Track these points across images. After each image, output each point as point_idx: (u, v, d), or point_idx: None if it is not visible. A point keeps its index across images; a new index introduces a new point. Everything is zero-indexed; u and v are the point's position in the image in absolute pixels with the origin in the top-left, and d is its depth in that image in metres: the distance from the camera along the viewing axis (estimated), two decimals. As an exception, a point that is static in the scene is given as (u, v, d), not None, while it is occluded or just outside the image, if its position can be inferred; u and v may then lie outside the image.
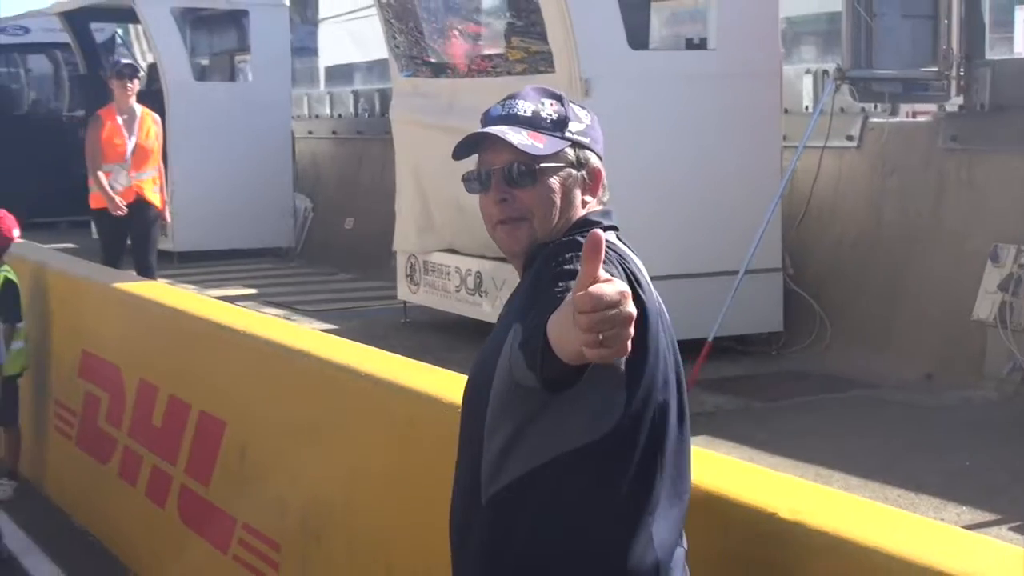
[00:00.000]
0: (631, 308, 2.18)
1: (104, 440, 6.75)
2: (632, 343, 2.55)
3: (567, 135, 2.86)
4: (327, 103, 20.23)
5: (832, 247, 10.89)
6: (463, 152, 2.90)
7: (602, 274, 2.20)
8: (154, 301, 6.74)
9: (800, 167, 10.35)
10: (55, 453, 7.42)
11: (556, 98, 2.91)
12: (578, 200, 2.89)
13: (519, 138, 2.79)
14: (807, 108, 11.53)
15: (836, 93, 10.55)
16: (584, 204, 2.90)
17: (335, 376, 4.72)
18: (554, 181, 2.84)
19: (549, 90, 2.95)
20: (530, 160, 2.81)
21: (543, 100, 2.90)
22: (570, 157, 2.87)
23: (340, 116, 19.46)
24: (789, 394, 9.45)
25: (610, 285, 2.18)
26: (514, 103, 2.89)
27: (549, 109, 2.88)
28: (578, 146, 2.88)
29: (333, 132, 18.95)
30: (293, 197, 17.77)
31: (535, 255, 2.84)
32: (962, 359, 9.51)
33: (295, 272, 16.36)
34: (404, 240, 11.89)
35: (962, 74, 10.34)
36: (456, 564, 2.91)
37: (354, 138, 18.20)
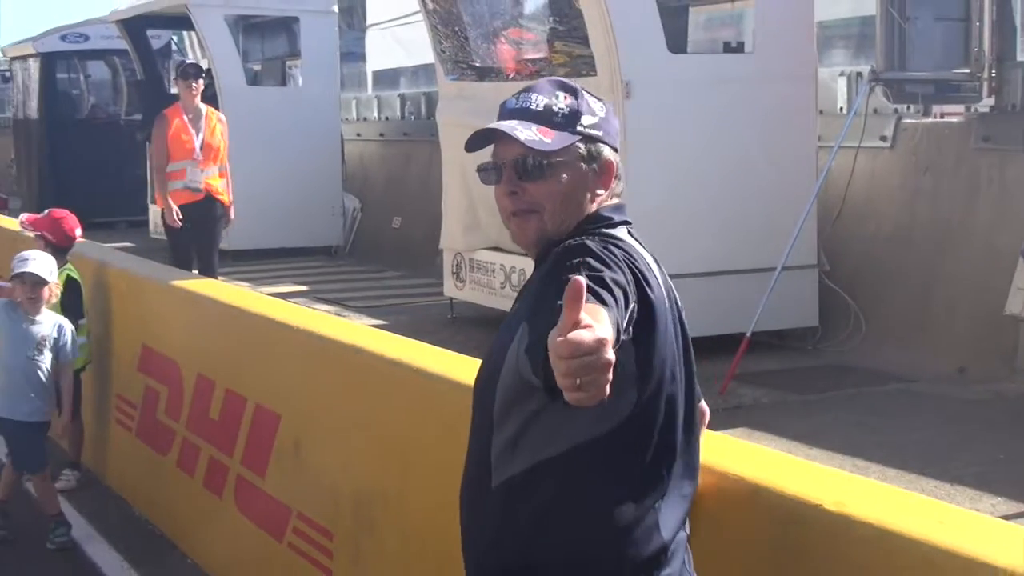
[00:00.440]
0: (609, 355, 2.13)
1: (163, 432, 6.76)
2: (642, 340, 2.57)
3: (578, 129, 2.82)
4: (374, 106, 20.26)
5: (866, 244, 10.82)
6: (476, 145, 2.88)
7: (584, 318, 2.15)
8: (211, 298, 6.75)
9: (835, 167, 10.29)
10: (116, 445, 7.44)
11: (571, 91, 2.86)
12: (589, 193, 2.85)
13: (527, 134, 2.76)
14: (841, 109, 11.47)
15: (870, 95, 10.49)
16: (596, 197, 2.86)
17: (387, 370, 4.70)
18: (563, 175, 2.81)
19: (564, 83, 2.91)
20: (539, 155, 2.78)
21: (557, 93, 2.85)
22: (581, 151, 2.83)
23: (387, 119, 19.48)
24: (825, 388, 9.38)
25: (589, 332, 2.12)
26: (528, 97, 2.86)
27: (562, 103, 2.83)
28: (590, 140, 2.84)
29: (380, 134, 18.97)
30: (342, 197, 17.79)
31: (548, 250, 2.81)
32: (994, 353, 9.42)
33: (345, 270, 16.39)
34: (450, 238, 11.88)
35: (993, 75, 10.25)
36: (465, 541, 2.90)
37: (401, 140, 18.21)
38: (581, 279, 2.15)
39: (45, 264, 6.67)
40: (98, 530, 6.72)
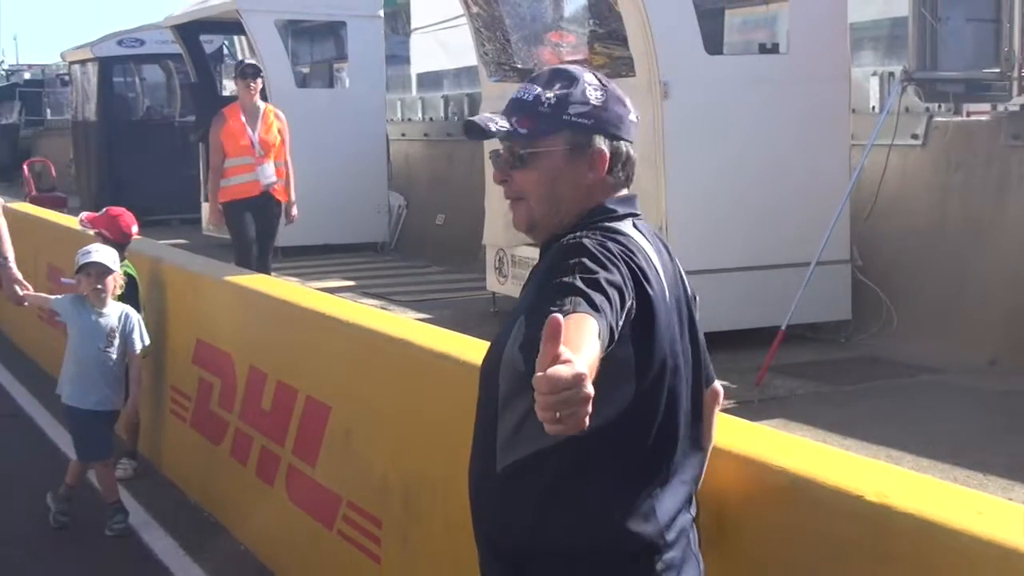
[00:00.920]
0: (587, 390, 2.09)
1: (216, 422, 6.77)
2: (640, 336, 2.56)
3: (563, 119, 2.76)
4: (419, 108, 20.26)
5: (898, 240, 10.74)
6: (472, 136, 2.85)
7: (563, 352, 2.10)
8: (263, 293, 6.75)
9: (868, 165, 10.22)
10: (171, 435, 7.46)
11: (567, 80, 2.80)
12: (576, 183, 2.78)
13: (500, 124, 2.75)
14: (873, 108, 11.38)
15: (902, 94, 10.41)
16: (590, 187, 2.79)
17: (433, 363, 4.68)
18: (544, 164, 2.77)
19: (566, 71, 2.84)
20: (521, 145, 2.76)
21: (554, 83, 2.80)
22: (566, 141, 2.77)
23: (431, 119, 19.49)
24: (858, 379, 9.31)
25: (567, 368, 2.08)
26: (525, 87, 2.84)
27: (552, 93, 2.78)
28: (578, 129, 2.76)
29: (425, 134, 18.98)
30: (388, 195, 17.80)
31: (551, 241, 2.77)
32: (1025, 346, 9.34)
33: (390, 265, 16.39)
34: (493, 235, 11.86)
35: (1023, 74, 10.14)
36: (476, 523, 2.88)
37: (444, 140, 18.20)
38: (559, 316, 2.10)
39: (108, 254, 6.70)
40: (154, 517, 6.73)
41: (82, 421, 6.65)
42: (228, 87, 22.56)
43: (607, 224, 2.74)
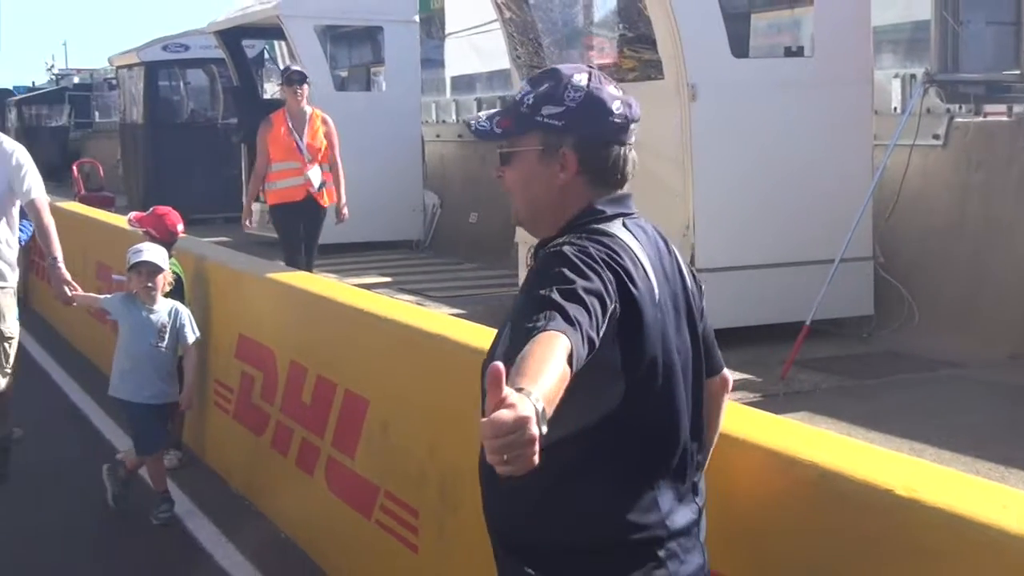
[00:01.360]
0: (532, 431, 2.05)
1: (259, 415, 6.76)
2: (627, 336, 2.53)
3: (536, 120, 2.73)
4: (453, 110, 20.24)
5: (920, 237, 10.66)
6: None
7: (508, 396, 2.07)
8: (303, 289, 6.74)
9: (890, 164, 10.14)
10: (215, 426, 7.45)
11: (553, 80, 2.77)
12: (548, 183, 2.76)
13: (479, 123, 2.79)
14: (895, 109, 11.31)
15: (924, 95, 10.33)
16: (564, 187, 2.76)
17: (468, 358, 4.63)
18: (520, 163, 2.78)
19: (555, 71, 2.81)
20: (499, 144, 2.80)
21: (542, 83, 2.78)
22: (539, 140, 2.75)
23: (465, 121, 19.45)
24: (881, 373, 9.24)
25: (510, 412, 2.04)
26: (521, 87, 2.83)
27: (535, 93, 2.76)
28: (549, 129, 2.73)
29: (458, 136, 18.93)
30: (423, 194, 17.79)
31: (540, 246, 2.76)
32: (1044, 341, 9.26)
33: (425, 262, 16.39)
34: (525, 232, 11.79)
35: (1042, 76, 10.07)
36: (487, 517, 2.86)
37: (477, 141, 18.04)
38: (498, 365, 2.06)
39: (159, 253, 6.71)
40: (198, 506, 6.73)
41: (138, 415, 6.66)
42: (269, 90, 22.64)
43: (595, 226, 2.71)
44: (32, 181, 6.94)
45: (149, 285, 6.59)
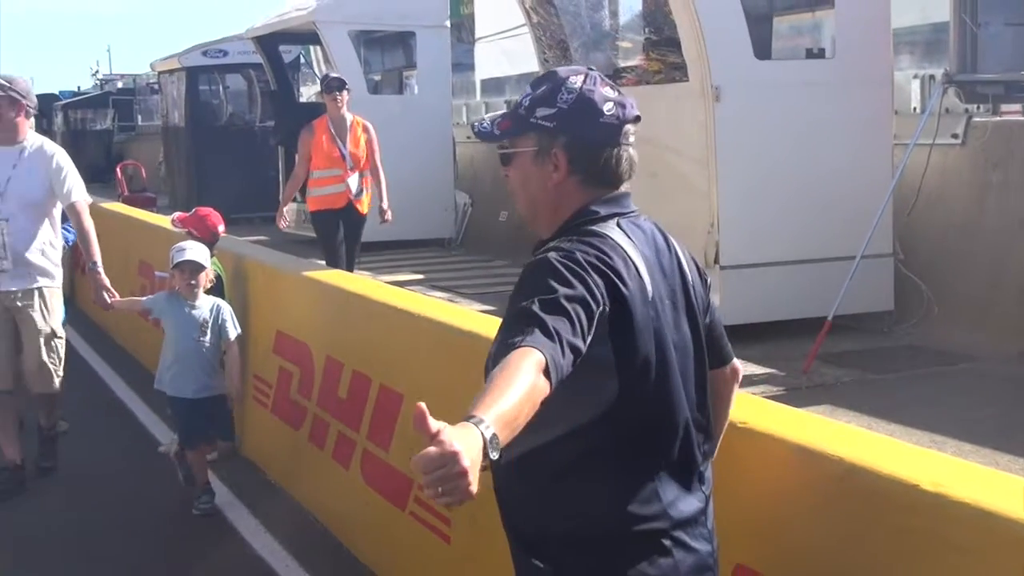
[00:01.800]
0: (462, 464, 2.02)
1: (296, 409, 6.75)
2: (618, 334, 2.51)
3: (530, 121, 2.71)
4: (483, 112, 20.21)
5: (939, 235, 10.57)
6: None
7: (438, 433, 2.05)
8: (338, 287, 6.71)
9: (910, 163, 10.05)
10: (254, 420, 7.44)
11: (552, 82, 2.74)
12: (543, 184, 2.73)
13: (481, 125, 2.78)
14: (915, 109, 11.22)
15: (943, 96, 10.24)
16: (558, 187, 2.72)
17: (500, 354, 4.61)
18: (518, 164, 2.76)
19: (553, 73, 2.77)
20: (498, 144, 2.78)
21: (541, 85, 2.75)
22: (534, 142, 2.72)
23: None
24: (901, 367, 9.16)
25: (436, 448, 2.03)
26: (524, 91, 2.80)
27: (532, 96, 2.74)
28: (542, 131, 2.70)
29: (488, 137, 18.91)
30: (454, 194, 17.77)
31: (538, 246, 2.72)
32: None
33: (456, 260, 16.36)
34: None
35: (1059, 76, 9.97)
36: (500, 508, 2.83)
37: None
38: (421, 406, 2.06)
39: (201, 251, 6.70)
40: (237, 497, 6.73)
41: (182, 409, 6.66)
42: (305, 94, 22.66)
43: (588, 227, 2.67)
44: (72, 184, 6.90)
45: (192, 282, 6.58)
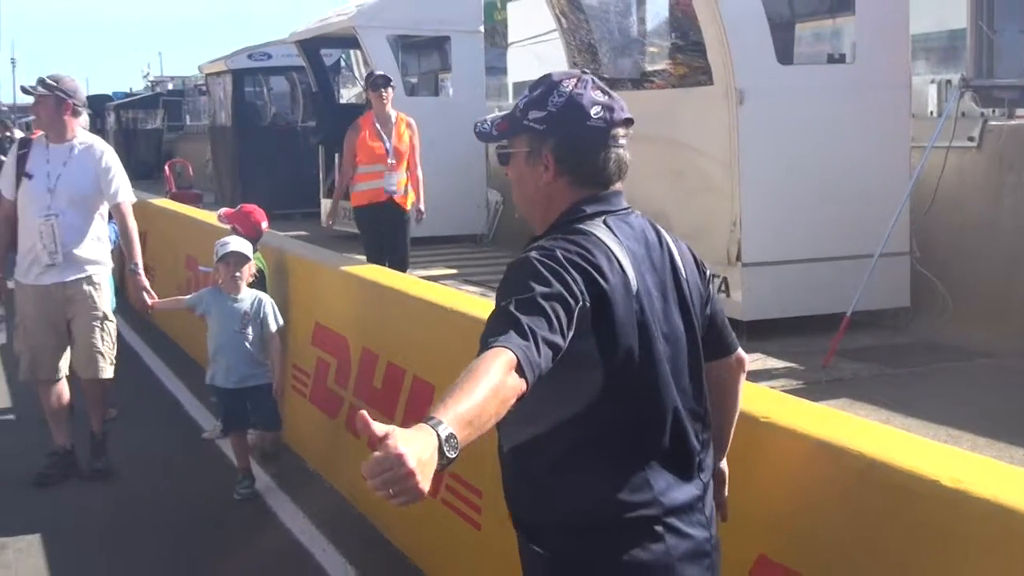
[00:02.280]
0: (408, 465, 1.97)
1: (333, 398, 6.72)
2: (600, 328, 2.47)
3: (524, 123, 2.68)
4: (515, 114, 20.15)
5: (955, 234, 10.46)
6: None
7: (385, 437, 2.00)
8: (375, 281, 6.69)
9: (927, 164, 9.95)
10: (292, 408, 7.42)
11: (546, 85, 2.70)
12: (535, 185, 2.71)
13: (481, 126, 2.77)
14: (932, 113, 11.13)
15: (960, 100, 10.14)
16: (549, 186, 2.69)
17: (530, 348, 4.57)
18: (513, 164, 2.74)
19: (549, 77, 2.73)
20: (496, 145, 2.77)
21: (537, 87, 2.72)
22: (525, 143, 2.69)
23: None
24: (917, 363, 9.07)
25: (381, 451, 1.98)
26: (523, 93, 2.78)
27: (527, 98, 2.71)
28: (532, 132, 2.67)
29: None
30: (486, 192, 17.74)
31: (530, 243, 2.68)
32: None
33: (488, 255, 16.32)
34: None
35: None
36: (505, 497, 2.80)
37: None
38: (363, 414, 2.02)
39: (244, 244, 6.69)
40: (277, 483, 6.71)
41: (225, 399, 6.65)
42: (345, 96, 22.65)
43: (574, 226, 2.64)
44: (119, 184, 6.79)
45: (236, 275, 6.57)
